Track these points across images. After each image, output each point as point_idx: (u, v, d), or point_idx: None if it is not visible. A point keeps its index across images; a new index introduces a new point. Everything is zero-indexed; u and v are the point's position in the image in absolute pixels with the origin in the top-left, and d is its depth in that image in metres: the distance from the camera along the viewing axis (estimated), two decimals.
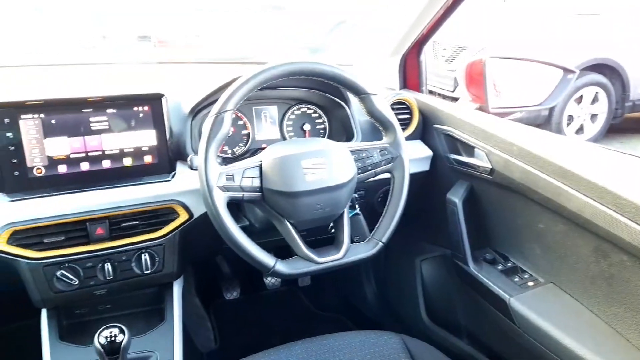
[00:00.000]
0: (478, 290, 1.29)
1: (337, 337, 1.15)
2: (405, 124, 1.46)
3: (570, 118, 4.60)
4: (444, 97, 4.17)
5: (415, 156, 1.43)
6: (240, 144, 1.34)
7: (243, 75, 1.03)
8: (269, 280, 2.01)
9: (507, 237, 1.29)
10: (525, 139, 1.18)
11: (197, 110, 1.24)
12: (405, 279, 1.69)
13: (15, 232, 1.04)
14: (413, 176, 1.21)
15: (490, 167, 1.24)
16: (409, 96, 1.48)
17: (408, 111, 1.47)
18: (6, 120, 1.02)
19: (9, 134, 1.02)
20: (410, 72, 1.63)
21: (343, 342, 1.13)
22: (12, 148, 1.03)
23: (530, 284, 1.19)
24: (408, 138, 1.43)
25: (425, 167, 1.48)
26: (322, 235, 1.21)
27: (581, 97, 4.57)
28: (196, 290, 1.90)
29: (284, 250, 1.08)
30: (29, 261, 1.06)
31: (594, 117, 4.71)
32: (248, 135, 1.35)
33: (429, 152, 1.47)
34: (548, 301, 1.12)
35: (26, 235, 1.06)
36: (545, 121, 4.47)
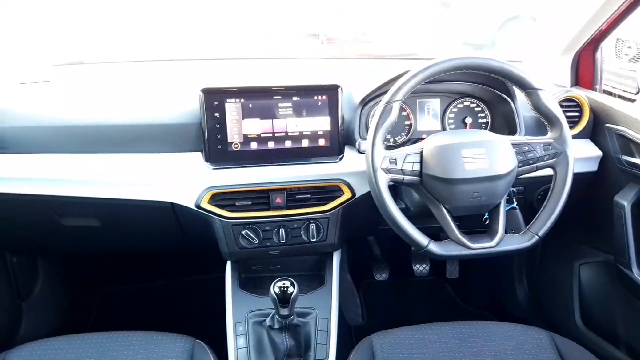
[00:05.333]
0: None
1: (483, 324, 1.19)
2: (573, 122, 1.42)
3: None
4: (625, 99, 3.75)
5: (583, 155, 1.39)
6: (402, 134, 1.43)
7: (412, 69, 1.12)
8: (417, 268, 2.08)
9: None
10: None
11: (367, 100, 1.35)
12: (561, 281, 1.63)
13: (215, 194, 1.28)
14: (578, 176, 1.18)
15: None
16: (580, 94, 1.43)
17: (578, 109, 1.43)
18: (215, 103, 1.25)
19: (217, 114, 1.25)
20: (583, 70, 1.56)
21: (489, 330, 1.16)
22: (218, 126, 1.25)
23: None
24: (575, 136, 1.39)
25: (592, 167, 1.42)
26: (475, 228, 1.25)
27: None
28: (349, 267, 2.05)
29: (435, 238, 1.13)
30: (222, 219, 1.29)
31: None
32: (410, 125, 1.43)
33: (598, 152, 1.41)
34: None
35: (222, 198, 1.29)
36: None
